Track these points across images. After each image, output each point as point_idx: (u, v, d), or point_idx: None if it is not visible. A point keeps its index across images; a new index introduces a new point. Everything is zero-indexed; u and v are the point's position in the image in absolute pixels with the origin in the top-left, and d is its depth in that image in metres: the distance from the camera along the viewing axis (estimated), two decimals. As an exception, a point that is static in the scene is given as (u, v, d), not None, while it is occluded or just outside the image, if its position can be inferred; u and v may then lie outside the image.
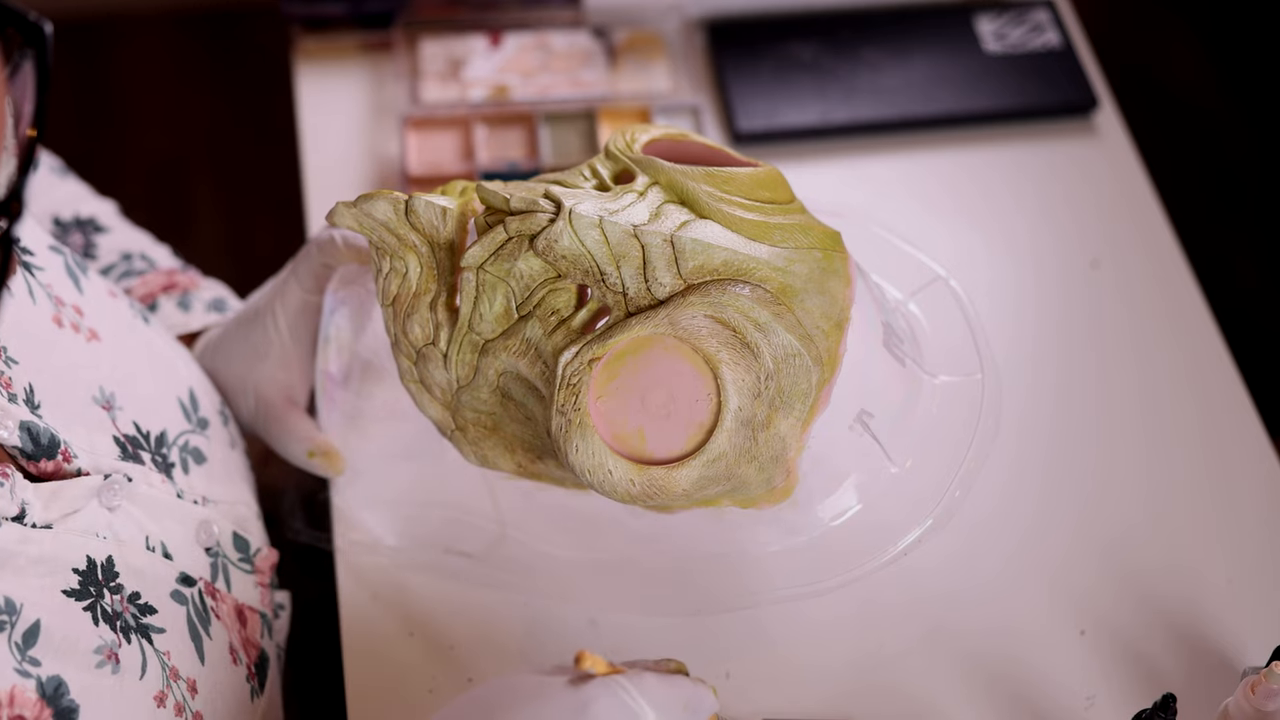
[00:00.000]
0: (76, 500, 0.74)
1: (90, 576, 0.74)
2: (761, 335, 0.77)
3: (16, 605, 0.69)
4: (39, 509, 0.72)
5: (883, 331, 0.84)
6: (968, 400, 0.87)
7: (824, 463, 0.81)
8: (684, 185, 0.79)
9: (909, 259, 0.94)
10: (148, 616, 0.77)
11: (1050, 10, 1.27)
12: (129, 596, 0.76)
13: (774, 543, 0.86)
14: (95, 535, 0.75)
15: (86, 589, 0.73)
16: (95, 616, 0.73)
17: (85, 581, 0.73)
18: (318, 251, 0.87)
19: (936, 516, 0.85)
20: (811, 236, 0.80)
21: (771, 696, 0.90)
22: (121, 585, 0.76)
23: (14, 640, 0.68)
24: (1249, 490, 1.01)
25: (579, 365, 0.77)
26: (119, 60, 2.15)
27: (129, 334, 0.85)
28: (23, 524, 0.71)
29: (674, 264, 0.77)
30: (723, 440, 0.77)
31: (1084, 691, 0.91)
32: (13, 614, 0.68)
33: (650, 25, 1.26)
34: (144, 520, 0.78)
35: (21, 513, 0.71)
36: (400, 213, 0.80)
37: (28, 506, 0.72)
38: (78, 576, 0.73)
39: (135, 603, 0.76)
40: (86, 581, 0.73)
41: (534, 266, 0.78)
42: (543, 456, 0.83)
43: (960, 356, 0.89)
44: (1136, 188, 1.19)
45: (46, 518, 0.72)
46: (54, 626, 0.70)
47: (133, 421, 0.81)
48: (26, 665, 0.68)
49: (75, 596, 0.72)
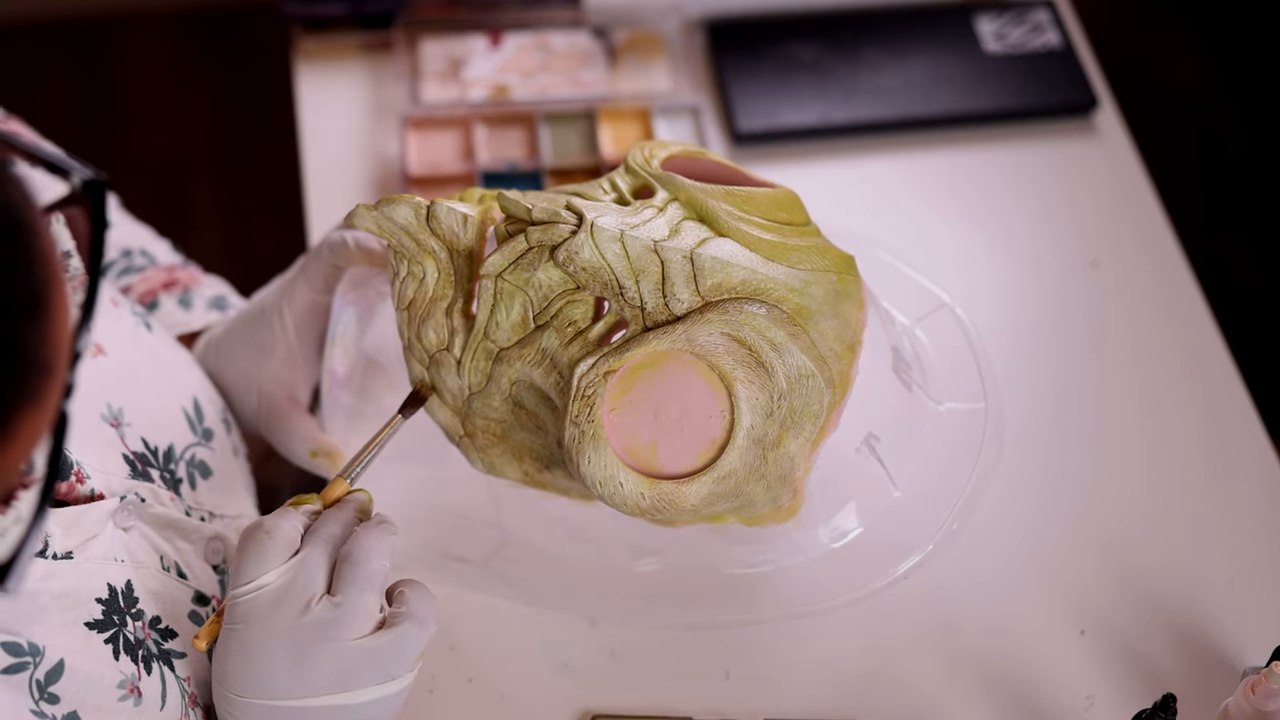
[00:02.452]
0: (93, 526, 0.74)
1: (113, 604, 0.74)
2: (776, 355, 0.77)
3: (40, 648, 0.70)
4: (59, 537, 0.73)
5: (892, 356, 0.84)
6: (971, 429, 0.88)
7: (829, 484, 0.82)
8: (703, 203, 0.80)
9: (914, 285, 0.95)
10: (169, 641, 0.78)
11: (1050, 10, 1.27)
12: (150, 621, 0.77)
13: (777, 561, 0.86)
14: (114, 560, 0.75)
15: (110, 618, 0.74)
16: (117, 649, 0.74)
17: (108, 610, 0.74)
18: (329, 252, 0.87)
19: (936, 543, 0.86)
20: (827, 259, 0.80)
21: (771, 696, 0.90)
22: (142, 611, 0.76)
23: (35, 679, 0.69)
24: (1249, 490, 1.01)
25: (594, 377, 0.77)
26: (119, 60, 2.15)
27: (133, 346, 0.85)
28: (45, 556, 0.72)
29: (693, 281, 0.77)
30: (734, 458, 0.77)
31: (1084, 691, 0.91)
32: (36, 656, 0.69)
33: (650, 25, 1.26)
34: (157, 540, 0.79)
35: (44, 544, 0.72)
36: (421, 218, 0.80)
37: (50, 537, 0.72)
38: (101, 606, 0.74)
39: (156, 628, 0.77)
40: (110, 610, 0.74)
41: (553, 277, 0.78)
42: (550, 466, 0.84)
43: (964, 384, 0.90)
44: (1136, 188, 1.19)
45: (66, 545, 0.73)
46: (77, 665, 0.71)
47: (140, 438, 0.81)
48: (44, 705, 0.69)
49: (98, 629, 0.73)
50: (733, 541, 0.85)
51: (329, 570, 0.74)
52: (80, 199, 0.56)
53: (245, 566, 0.74)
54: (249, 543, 0.74)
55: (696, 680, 0.91)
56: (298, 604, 0.73)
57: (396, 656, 0.74)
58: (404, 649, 0.74)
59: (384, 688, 0.74)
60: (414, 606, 0.75)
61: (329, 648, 0.72)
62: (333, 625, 0.73)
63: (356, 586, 0.73)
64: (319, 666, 0.72)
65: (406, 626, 0.74)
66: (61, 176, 0.56)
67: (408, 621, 0.74)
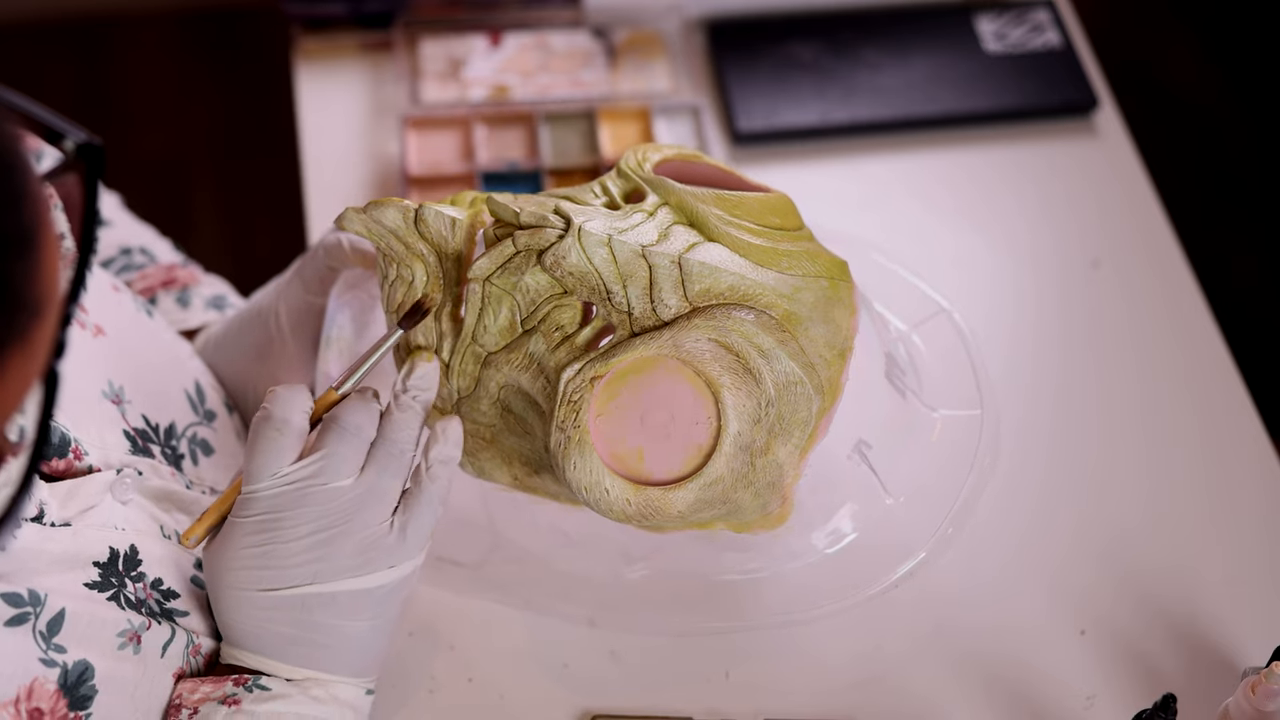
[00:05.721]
0: (92, 496, 0.75)
1: (111, 568, 0.74)
2: (764, 361, 0.77)
3: (41, 596, 0.70)
4: (55, 508, 0.73)
5: (884, 362, 0.84)
6: (966, 436, 0.88)
7: (820, 491, 0.82)
8: (694, 207, 0.79)
9: (912, 290, 0.94)
10: (171, 601, 0.78)
11: (1050, 10, 1.27)
12: (152, 583, 0.77)
13: (767, 568, 0.86)
14: (114, 528, 0.76)
15: (108, 580, 0.74)
16: (119, 604, 0.74)
17: (106, 573, 0.74)
18: (324, 254, 0.87)
19: (930, 549, 0.86)
20: (819, 264, 0.80)
21: (771, 697, 0.90)
22: (144, 573, 0.77)
23: (39, 629, 0.69)
24: (1249, 490, 1.01)
25: (581, 382, 0.77)
26: (119, 60, 2.15)
27: (134, 328, 0.85)
28: (41, 523, 0.72)
29: (680, 286, 0.77)
30: (721, 464, 0.77)
31: (1084, 691, 0.91)
32: (37, 605, 0.69)
33: (650, 25, 1.26)
34: (156, 511, 0.79)
35: (40, 513, 0.72)
36: (410, 221, 0.80)
37: (45, 506, 0.72)
38: (98, 570, 0.74)
39: (158, 588, 0.77)
40: (107, 573, 0.74)
41: (540, 281, 0.78)
42: (539, 471, 0.84)
43: (961, 390, 0.89)
44: (1136, 188, 1.19)
45: (64, 515, 0.73)
46: (79, 613, 0.71)
47: (141, 415, 0.82)
48: (52, 654, 0.69)
49: (98, 589, 0.73)
50: (724, 547, 0.85)
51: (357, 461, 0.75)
52: (74, 165, 0.56)
53: (261, 463, 0.74)
54: (261, 440, 0.75)
55: (696, 681, 0.91)
56: (323, 493, 0.74)
57: (414, 540, 0.76)
58: (420, 532, 0.76)
59: (399, 569, 0.76)
60: (427, 489, 0.76)
61: (353, 531, 0.74)
62: (359, 510, 0.75)
63: (390, 473, 0.75)
64: (342, 549, 0.74)
65: (422, 510, 0.76)
66: (55, 142, 0.55)
67: (421, 504, 0.76)
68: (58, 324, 0.52)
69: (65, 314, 0.53)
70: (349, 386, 0.78)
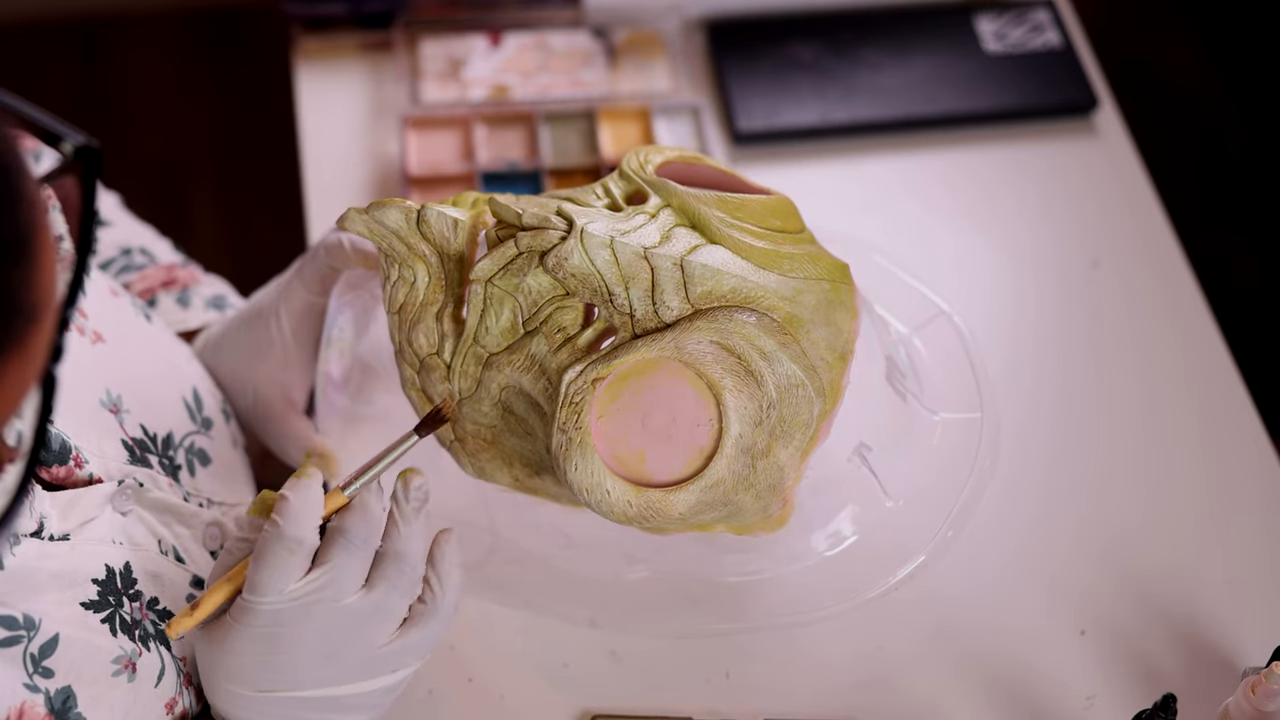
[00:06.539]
0: (92, 508, 0.74)
1: (109, 586, 0.74)
2: (766, 364, 0.77)
3: (35, 621, 0.70)
4: (56, 519, 0.73)
5: (885, 365, 0.84)
6: (966, 439, 0.88)
7: (821, 493, 0.82)
8: (696, 209, 0.79)
9: (913, 292, 0.94)
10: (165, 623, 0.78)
11: (1050, 10, 1.27)
12: (148, 603, 0.77)
13: (767, 570, 0.86)
14: (111, 542, 0.75)
15: (105, 599, 0.74)
16: (114, 627, 0.74)
17: (104, 592, 0.74)
18: (325, 254, 0.87)
19: (930, 552, 0.86)
20: (820, 267, 0.80)
21: (771, 697, 0.90)
22: (140, 592, 0.76)
23: (29, 652, 0.69)
24: (1249, 490, 1.01)
25: (582, 384, 0.77)
26: (119, 60, 2.15)
27: (133, 334, 0.85)
28: (40, 538, 0.72)
29: (682, 288, 0.77)
30: (722, 466, 0.77)
31: (1084, 691, 0.91)
32: (31, 630, 0.69)
33: (650, 25, 1.26)
34: (155, 524, 0.79)
35: (40, 526, 0.72)
36: (412, 222, 0.80)
37: (46, 519, 0.72)
38: (96, 588, 0.73)
39: (154, 609, 0.77)
40: (105, 592, 0.74)
41: (543, 283, 0.78)
42: (540, 472, 0.84)
43: (961, 393, 0.89)
44: (1136, 187, 1.19)
45: (64, 528, 0.73)
46: (73, 639, 0.71)
47: (140, 424, 0.81)
48: (37, 679, 0.69)
49: (94, 609, 0.73)
50: (725, 549, 0.85)
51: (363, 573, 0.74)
52: (72, 167, 0.55)
53: (268, 578, 0.72)
54: (271, 556, 0.72)
55: (696, 681, 0.91)
56: (331, 609, 0.73)
57: (419, 650, 0.76)
58: (429, 642, 0.76)
59: (397, 675, 0.76)
60: (440, 602, 0.76)
61: (360, 646, 0.74)
62: (367, 626, 0.74)
63: (400, 591, 0.74)
64: (348, 662, 0.74)
65: (434, 624, 0.75)
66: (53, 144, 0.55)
67: (435, 620, 0.76)
68: (55, 328, 0.52)
69: (63, 318, 0.52)
70: (355, 489, 0.75)
